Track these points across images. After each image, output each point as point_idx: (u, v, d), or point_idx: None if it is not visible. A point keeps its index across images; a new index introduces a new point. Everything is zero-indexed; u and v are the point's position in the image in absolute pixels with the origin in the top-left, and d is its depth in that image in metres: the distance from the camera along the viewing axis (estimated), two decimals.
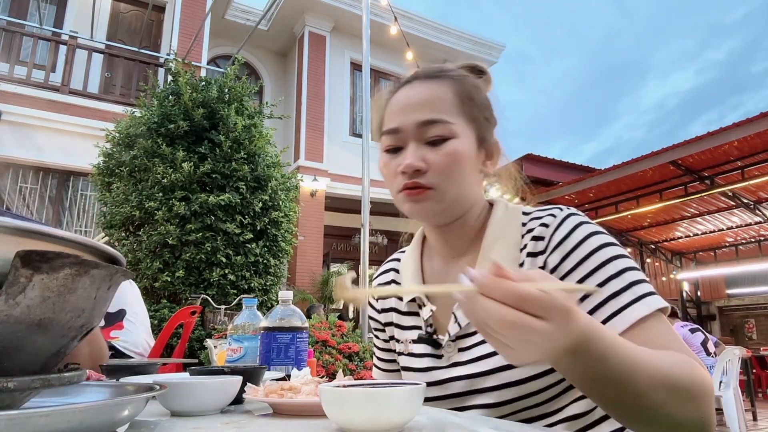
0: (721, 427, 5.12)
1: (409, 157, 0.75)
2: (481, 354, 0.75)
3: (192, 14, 8.74)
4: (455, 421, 0.58)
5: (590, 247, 0.71)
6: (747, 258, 10.59)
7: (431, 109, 0.76)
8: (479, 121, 0.79)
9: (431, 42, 10.74)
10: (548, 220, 0.76)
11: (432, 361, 0.81)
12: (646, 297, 0.66)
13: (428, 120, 0.75)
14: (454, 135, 0.75)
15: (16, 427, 0.36)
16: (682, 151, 6.73)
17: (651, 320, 0.65)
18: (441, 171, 0.74)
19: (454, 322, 0.79)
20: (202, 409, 0.64)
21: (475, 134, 0.79)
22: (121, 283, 0.52)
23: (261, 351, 0.99)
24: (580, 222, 0.74)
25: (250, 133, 5.21)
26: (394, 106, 0.80)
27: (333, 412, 0.53)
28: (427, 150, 0.75)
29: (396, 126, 0.78)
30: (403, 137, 0.77)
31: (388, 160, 0.79)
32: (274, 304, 3.43)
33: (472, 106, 0.79)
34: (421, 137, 0.76)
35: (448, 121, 0.75)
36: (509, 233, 0.79)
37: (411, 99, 0.78)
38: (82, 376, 0.49)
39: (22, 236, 0.41)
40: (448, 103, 0.77)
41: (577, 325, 0.50)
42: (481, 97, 0.81)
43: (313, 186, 9.19)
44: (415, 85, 0.80)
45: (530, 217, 0.79)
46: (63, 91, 7.29)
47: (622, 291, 0.67)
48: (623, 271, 0.68)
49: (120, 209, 4.86)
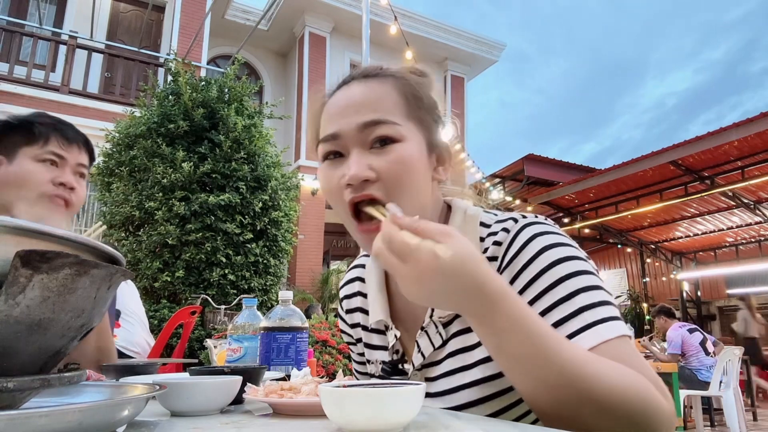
0: (721, 427, 5.13)
1: (354, 166, 0.65)
2: (449, 387, 0.70)
3: (192, 14, 8.75)
4: (455, 421, 0.58)
5: (541, 265, 0.64)
6: (747, 258, 10.59)
7: (374, 109, 0.67)
8: (427, 124, 0.71)
9: (431, 41, 10.75)
10: (501, 236, 0.68)
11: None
12: (597, 325, 0.59)
13: (372, 120, 0.66)
14: (401, 138, 0.67)
15: (16, 427, 0.36)
16: (682, 151, 6.74)
17: (604, 349, 0.57)
18: (391, 179, 0.66)
19: (418, 352, 0.73)
20: (202, 409, 0.64)
21: (424, 138, 0.70)
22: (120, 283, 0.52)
23: (261, 351, 0.99)
24: (534, 234, 0.66)
25: (250, 133, 5.22)
26: (331, 109, 0.71)
27: (333, 412, 0.53)
28: (372, 156, 0.66)
29: (335, 131, 0.68)
30: (344, 143, 0.68)
31: (328, 171, 0.70)
32: (274, 304, 3.43)
33: (419, 107, 0.71)
34: (365, 141, 0.67)
35: (393, 121, 0.67)
36: None
37: (350, 99, 0.69)
38: (82, 376, 0.49)
39: (22, 236, 0.41)
40: (392, 102, 0.69)
41: (474, 258, 0.52)
42: (427, 96, 0.73)
43: (314, 185, 9.19)
44: (353, 86, 0.71)
45: (488, 232, 0.71)
46: (63, 91, 7.29)
47: (569, 318, 0.60)
48: (575, 293, 0.61)
49: (120, 209, 4.86)
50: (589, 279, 0.63)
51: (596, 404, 0.53)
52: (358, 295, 0.87)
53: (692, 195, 7.68)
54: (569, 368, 0.53)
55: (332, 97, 0.73)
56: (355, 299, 0.88)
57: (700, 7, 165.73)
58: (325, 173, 0.71)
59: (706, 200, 8.30)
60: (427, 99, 0.73)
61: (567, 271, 0.62)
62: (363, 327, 0.84)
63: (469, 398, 0.68)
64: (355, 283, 0.89)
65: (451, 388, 0.70)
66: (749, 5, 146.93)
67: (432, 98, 0.74)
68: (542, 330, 0.54)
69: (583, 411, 0.53)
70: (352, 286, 0.89)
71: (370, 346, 0.83)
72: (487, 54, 11.62)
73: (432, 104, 0.74)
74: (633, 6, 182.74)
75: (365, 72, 0.73)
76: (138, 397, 0.48)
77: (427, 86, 0.75)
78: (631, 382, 0.54)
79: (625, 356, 0.57)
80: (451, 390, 0.70)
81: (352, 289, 0.89)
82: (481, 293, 0.52)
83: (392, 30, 5.99)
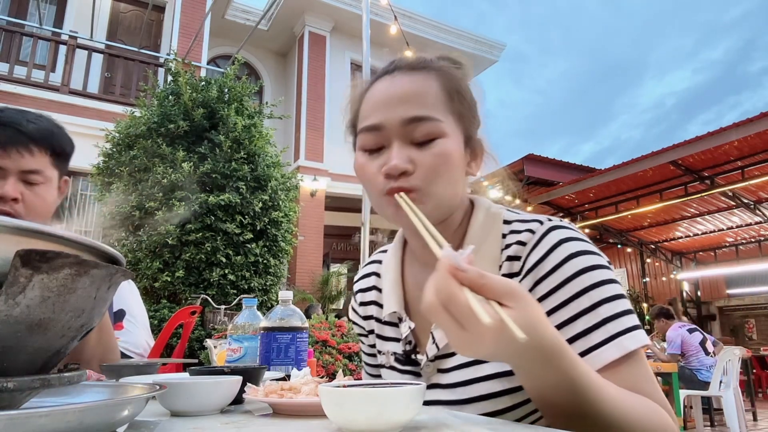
0: (721, 427, 5.13)
1: (395, 157, 0.66)
2: (462, 380, 0.70)
3: (192, 14, 8.75)
4: (455, 421, 0.58)
5: (566, 273, 0.64)
6: (747, 258, 10.59)
7: (419, 105, 0.68)
8: (466, 119, 0.72)
9: (431, 41, 10.74)
10: (525, 236, 0.69)
11: (413, 378, 0.77)
12: (620, 336, 0.60)
13: (416, 117, 0.67)
14: (443, 134, 0.68)
15: (16, 427, 0.36)
16: (682, 151, 6.74)
17: (624, 363, 0.60)
18: (429, 173, 0.66)
19: (432, 343, 0.73)
20: (202, 409, 0.64)
21: (463, 133, 0.71)
22: (121, 283, 0.52)
23: (261, 351, 0.99)
24: (560, 240, 0.66)
25: (250, 133, 5.22)
26: (374, 99, 0.71)
27: (333, 412, 0.53)
28: (413, 150, 0.67)
29: (378, 122, 0.69)
30: (386, 135, 0.68)
31: (366, 161, 0.71)
32: (274, 304, 3.43)
33: (461, 102, 0.71)
34: (407, 135, 0.68)
35: (437, 118, 0.67)
36: (488, 246, 0.71)
37: (395, 92, 0.69)
38: (82, 376, 0.49)
39: (22, 236, 0.41)
40: (436, 98, 0.69)
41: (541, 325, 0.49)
42: (468, 91, 0.74)
43: (313, 186, 9.19)
44: (398, 77, 0.71)
45: (510, 229, 0.72)
46: (63, 91, 7.29)
47: (593, 329, 0.61)
48: (599, 304, 0.62)
49: (120, 209, 4.86)
50: (612, 288, 0.63)
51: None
52: (374, 290, 0.88)
53: (692, 195, 7.68)
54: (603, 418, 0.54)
55: (375, 85, 0.73)
56: (370, 293, 0.89)
57: (699, 7, 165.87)
58: (363, 162, 0.71)
59: (706, 200, 8.30)
60: (467, 94, 0.73)
61: (592, 281, 0.63)
62: (376, 319, 0.85)
63: (480, 392, 0.68)
64: (371, 278, 0.90)
65: (463, 380, 0.70)
66: (748, 5, 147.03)
67: (471, 93, 0.74)
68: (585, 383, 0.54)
69: None
70: (368, 281, 0.90)
71: (382, 338, 0.83)
72: (487, 54, 11.62)
73: (471, 99, 0.74)
74: (632, 6, 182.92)
75: (410, 63, 0.73)
76: (138, 397, 0.48)
77: (467, 79, 0.75)
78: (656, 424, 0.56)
79: (638, 376, 0.60)
80: (464, 383, 0.70)
81: (367, 283, 0.90)
82: (537, 352, 0.51)
83: (392, 30, 5.99)
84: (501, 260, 0.70)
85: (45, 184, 1.06)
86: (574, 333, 0.62)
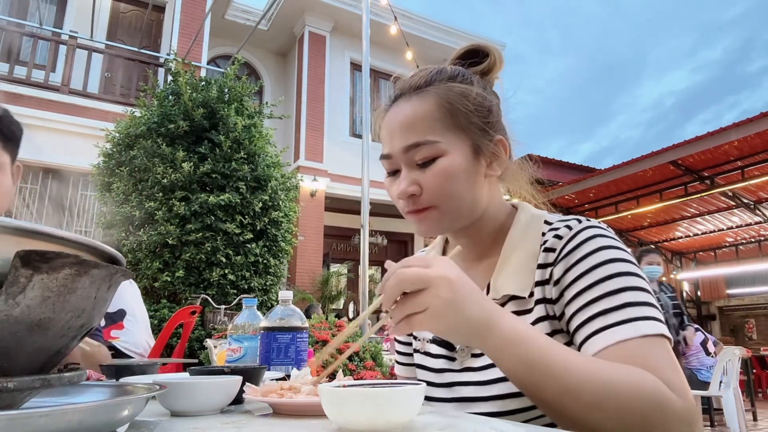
0: (721, 427, 5.13)
1: (402, 183, 0.75)
2: (490, 361, 0.73)
3: (192, 14, 8.74)
4: (455, 421, 0.58)
5: (595, 260, 0.68)
6: (747, 258, 10.59)
7: (414, 132, 0.74)
8: (470, 130, 0.75)
9: (431, 42, 10.74)
10: (563, 231, 0.73)
11: (446, 363, 0.81)
12: (638, 321, 0.62)
13: (413, 144, 0.74)
14: (441, 153, 0.73)
15: (16, 427, 0.36)
16: (682, 151, 6.73)
17: (636, 341, 0.61)
18: (435, 191, 0.74)
19: None
20: (202, 409, 0.64)
21: (469, 144, 0.75)
22: (121, 283, 0.52)
23: (261, 351, 0.99)
24: (594, 235, 0.71)
25: (250, 133, 5.22)
26: (384, 129, 0.80)
27: (333, 412, 0.53)
28: (418, 172, 0.75)
29: (387, 152, 0.78)
30: (395, 162, 0.77)
31: (389, 184, 0.80)
32: (274, 304, 3.43)
33: (459, 117, 0.75)
34: (411, 160, 0.75)
35: (432, 141, 0.73)
36: (528, 243, 0.77)
37: (395, 123, 0.77)
38: (82, 376, 0.49)
39: (22, 236, 0.41)
40: (431, 120, 0.74)
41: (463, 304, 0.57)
42: (470, 102, 0.76)
43: (313, 186, 9.19)
44: (400, 105, 0.78)
45: (549, 227, 0.77)
46: (63, 91, 7.29)
47: (613, 310, 0.64)
48: (622, 290, 0.65)
49: (120, 209, 4.86)
50: (637, 281, 0.66)
51: (604, 409, 0.56)
52: None
53: (692, 195, 7.68)
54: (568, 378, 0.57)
55: (386, 115, 0.80)
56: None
57: (698, 6, 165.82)
58: (387, 185, 0.81)
59: (706, 200, 8.30)
60: (468, 106, 0.76)
61: (618, 270, 0.67)
62: None
63: (511, 389, 0.70)
64: None
65: (496, 378, 0.72)
66: (747, 4, 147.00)
67: (478, 100, 0.77)
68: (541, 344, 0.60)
69: (594, 416, 0.57)
70: None
71: None
72: None
73: (475, 107, 0.76)
74: (630, 6, 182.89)
75: (411, 85, 0.79)
76: (138, 397, 0.48)
77: (474, 85, 0.78)
78: (637, 381, 0.57)
79: (648, 355, 0.60)
80: (493, 365, 0.72)
81: None
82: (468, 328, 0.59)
83: (392, 30, 5.99)
84: (540, 255, 0.75)
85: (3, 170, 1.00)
86: (594, 312, 0.65)
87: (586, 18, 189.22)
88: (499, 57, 0.83)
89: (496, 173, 0.79)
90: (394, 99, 0.80)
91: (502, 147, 0.79)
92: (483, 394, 0.74)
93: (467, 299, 0.58)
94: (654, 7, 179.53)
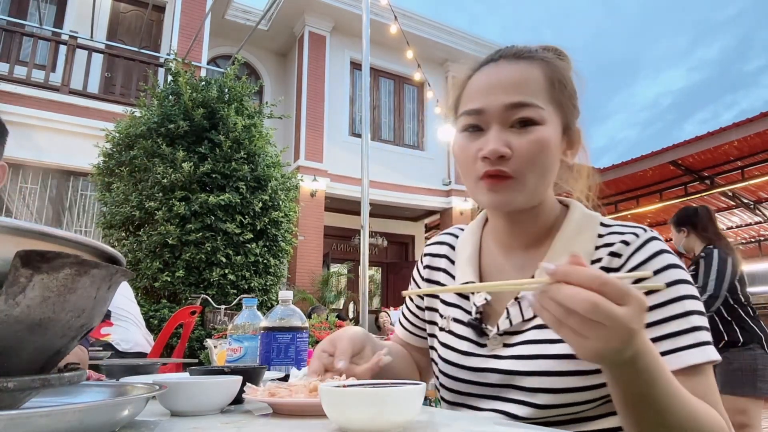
0: None
1: (493, 141, 0.70)
2: (524, 354, 0.73)
3: (192, 14, 8.74)
4: (456, 421, 0.58)
5: (665, 279, 0.68)
6: (747, 258, 10.58)
7: (521, 92, 0.71)
8: (567, 108, 0.75)
9: (431, 41, 10.74)
10: (630, 238, 0.73)
11: (472, 346, 0.79)
12: (705, 346, 0.65)
13: (518, 102, 0.70)
14: (542, 121, 0.71)
15: (16, 427, 0.36)
16: (682, 151, 6.74)
17: (701, 370, 0.64)
18: (526, 159, 0.70)
19: (506, 318, 0.76)
20: (202, 409, 0.64)
21: (561, 122, 0.74)
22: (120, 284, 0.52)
23: (261, 351, 0.99)
24: (661, 250, 0.71)
25: (250, 133, 5.22)
26: (478, 84, 0.75)
27: (333, 412, 0.53)
28: (511, 135, 0.70)
29: (480, 106, 0.72)
30: (487, 119, 0.72)
31: (465, 143, 0.74)
32: (274, 304, 3.43)
33: (563, 92, 0.74)
34: (507, 121, 0.71)
35: (538, 105, 0.70)
36: (582, 241, 0.76)
37: (498, 78, 0.73)
38: (82, 376, 0.49)
39: (22, 236, 0.41)
40: (538, 86, 0.72)
41: (642, 329, 0.52)
42: (570, 82, 0.76)
43: (313, 186, 9.19)
44: (502, 64, 0.74)
45: (609, 231, 0.76)
46: (63, 91, 7.29)
47: (684, 333, 0.65)
48: (690, 313, 0.66)
49: (120, 209, 4.86)
50: (699, 304, 0.68)
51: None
52: (444, 258, 0.92)
53: (692, 195, 7.68)
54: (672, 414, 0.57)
55: (479, 72, 0.76)
56: (440, 260, 0.92)
57: (692, 6, 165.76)
58: (461, 144, 0.75)
59: (705, 200, 8.29)
60: (569, 84, 0.76)
61: (686, 293, 0.68)
62: (443, 285, 0.90)
63: (546, 367, 0.70)
64: (444, 247, 0.93)
65: (529, 354, 0.72)
66: (742, 4, 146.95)
67: (573, 84, 0.77)
68: (665, 376, 0.57)
69: None
70: (440, 248, 0.93)
71: (445, 303, 0.87)
72: None
73: (573, 90, 0.76)
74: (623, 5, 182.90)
75: (515, 52, 0.75)
76: (138, 397, 0.48)
77: (569, 71, 0.78)
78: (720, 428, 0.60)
79: (707, 388, 0.64)
80: (529, 356, 0.72)
81: (440, 250, 0.93)
82: (633, 349, 0.53)
83: (392, 30, 5.99)
84: (596, 255, 0.74)
85: None
86: (664, 333, 0.66)
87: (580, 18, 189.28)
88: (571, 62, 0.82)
89: (569, 161, 0.78)
90: (491, 60, 0.76)
91: (578, 137, 0.79)
92: (512, 383, 0.73)
93: (627, 349, 0.51)
94: (649, 7, 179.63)
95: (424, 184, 10.67)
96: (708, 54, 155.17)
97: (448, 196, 10.83)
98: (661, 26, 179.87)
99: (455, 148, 0.77)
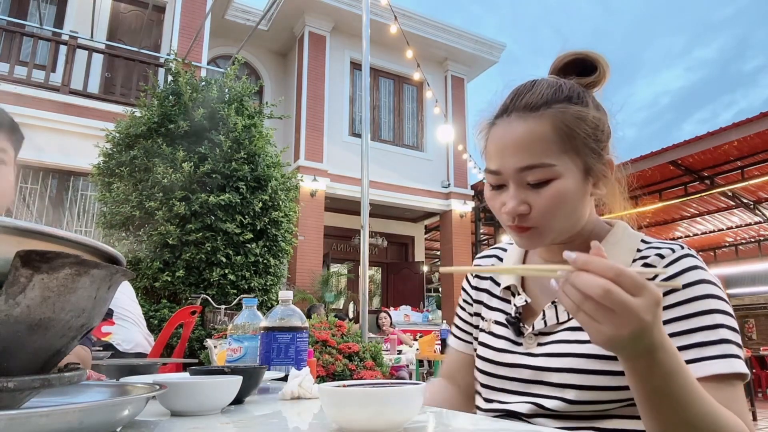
0: None
1: (511, 202, 0.74)
2: (555, 352, 0.77)
3: (192, 14, 8.74)
4: (456, 421, 0.58)
5: (696, 292, 0.70)
6: (747, 258, 10.60)
7: (530, 154, 0.73)
8: (584, 153, 0.75)
9: (431, 41, 10.74)
10: (665, 252, 0.76)
11: (509, 344, 0.84)
12: (732, 358, 0.66)
13: (528, 165, 0.73)
14: (556, 176, 0.73)
15: (16, 427, 0.36)
16: (682, 151, 6.74)
17: (726, 381, 0.65)
18: (545, 212, 0.74)
19: (541, 319, 0.81)
20: (202, 409, 0.64)
21: (582, 166, 0.75)
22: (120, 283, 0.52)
23: (261, 351, 0.99)
24: (695, 265, 0.73)
25: (250, 133, 5.21)
26: (494, 142, 0.78)
27: (333, 412, 0.53)
28: (529, 192, 0.74)
29: (496, 168, 0.76)
30: (504, 179, 0.76)
31: (491, 196, 0.80)
32: (274, 304, 3.43)
33: (576, 140, 0.74)
34: (523, 180, 0.74)
35: (549, 164, 0.72)
36: (620, 252, 0.78)
37: (509, 140, 0.75)
38: (82, 376, 0.49)
39: (22, 236, 0.41)
40: (548, 143, 0.73)
41: (658, 323, 0.54)
42: (587, 125, 0.75)
43: (313, 186, 9.19)
44: (513, 122, 0.75)
45: (648, 246, 0.79)
46: (63, 91, 7.29)
47: (711, 344, 0.67)
48: (719, 326, 0.68)
49: (120, 209, 4.86)
50: (732, 320, 0.70)
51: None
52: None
53: (692, 195, 7.68)
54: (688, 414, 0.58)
55: (495, 128, 0.78)
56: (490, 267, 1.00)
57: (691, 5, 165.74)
58: (489, 196, 0.81)
59: (705, 200, 8.30)
60: (584, 128, 0.75)
61: (716, 306, 0.70)
62: (488, 292, 0.95)
63: (575, 365, 0.73)
64: (492, 259, 1.01)
65: (559, 352, 0.76)
66: (740, 3, 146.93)
67: (593, 121, 0.76)
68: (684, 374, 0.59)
69: None
70: (488, 260, 1.01)
71: (488, 307, 0.93)
72: (487, 54, 11.60)
73: (590, 130, 0.76)
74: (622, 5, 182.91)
75: (527, 104, 0.76)
76: (138, 397, 0.48)
77: (589, 106, 0.77)
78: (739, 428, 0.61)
79: (734, 398, 0.65)
80: (558, 354, 0.76)
81: (488, 262, 1.01)
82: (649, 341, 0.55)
83: (392, 30, 6.00)
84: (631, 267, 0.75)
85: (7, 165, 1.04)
86: (690, 342, 0.68)
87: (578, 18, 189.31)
88: (608, 68, 0.81)
89: (601, 192, 0.80)
90: (504, 112, 0.78)
91: (609, 167, 0.79)
92: (541, 379, 0.77)
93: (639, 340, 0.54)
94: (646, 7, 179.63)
95: (423, 186, 10.67)
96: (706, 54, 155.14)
97: (448, 199, 10.83)
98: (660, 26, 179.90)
99: (486, 196, 0.82)
